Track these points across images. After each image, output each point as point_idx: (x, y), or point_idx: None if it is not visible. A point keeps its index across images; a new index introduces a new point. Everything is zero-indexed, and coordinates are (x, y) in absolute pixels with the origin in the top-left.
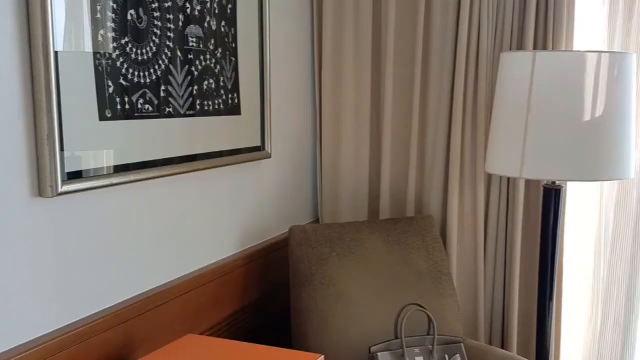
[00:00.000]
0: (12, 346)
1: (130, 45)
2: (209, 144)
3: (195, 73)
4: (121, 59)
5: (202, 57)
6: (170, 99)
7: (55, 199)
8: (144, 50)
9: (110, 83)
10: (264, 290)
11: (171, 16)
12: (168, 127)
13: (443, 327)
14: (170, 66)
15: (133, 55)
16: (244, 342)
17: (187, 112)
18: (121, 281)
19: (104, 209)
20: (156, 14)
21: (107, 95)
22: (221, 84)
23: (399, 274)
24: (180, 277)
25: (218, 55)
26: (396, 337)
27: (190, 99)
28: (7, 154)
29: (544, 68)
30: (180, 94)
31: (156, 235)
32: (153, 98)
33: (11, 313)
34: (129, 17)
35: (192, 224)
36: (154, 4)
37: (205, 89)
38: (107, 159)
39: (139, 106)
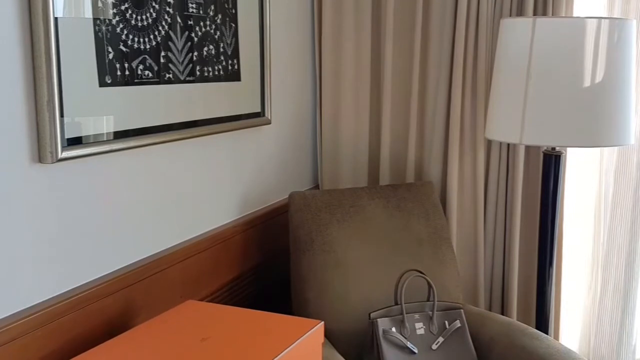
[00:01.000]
0: (12, 312)
1: (130, 12)
2: (209, 110)
3: (195, 39)
4: (121, 25)
5: (202, 23)
6: (170, 65)
7: (55, 165)
8: (143, 17)
9: (110, 49)
10: (264, 256)
11: None
12: (168, 94)
13: (443, 294)
14: (170, 32)
15: (133, 22)
16: (244, 309)
17: (187, 79)
18: (121, 247)
19: (104, 175)
20: None
21: (107, 61)
22: (221, 50)
23: (399, 240)
24: (180, 243)
25: (218, 21)
26: (396, 304)
27: (190, 65)
28: (7, 120)
29: (544, 34)
30: (180, 60)
31: (156, 201)
32: (153, 64)
33: (11, 279)
34: None
35: (191, 190)
36: None
37: (205, 55)
38: (107, 125)
39: (139, 72)
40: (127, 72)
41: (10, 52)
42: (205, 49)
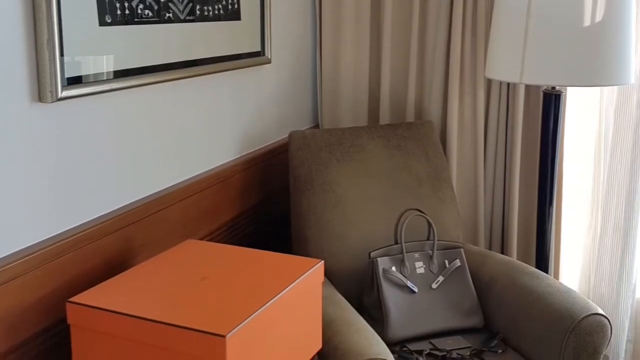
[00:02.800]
0: (11, 252)
1: None
2: (209, 50)
3: None
4: None
5: None
6: (170, 4)
7: (55, 105)
8: None
9: None
10: (264, 195)
11: None
12: (168, 33)
13: (443, 233)
14: None
15: None
16: (244, 248)
17: (187, 18)
18: (120, 187)
19: (104, 114)
20: None
21: (107, 0)
22: None
23: (399, 180)
24: (180, 182)
25: None
26: (396, 243)
27: (190, 4)
28: (7, 59)
29: None
30: None
31: (156, 140)
32: (153, 3)
33: (10, 219)
34: None
35: (191, 129)
36: None
37: None
38: (107, 65)
39: (139, 11)
40: (127, 12)
41: None
42: None
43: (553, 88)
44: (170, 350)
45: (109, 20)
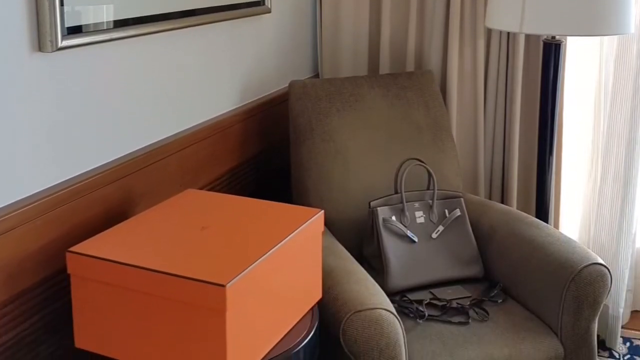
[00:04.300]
0: (11, 201)
1: None
2: None
3: None
4: None
5: None
6: None
7: (55, 54)
8: None
9: None
10: (264, 146)
11: None
12: None
13: (443, 182)
14: None
15: None
16: (244, 197)
17: None
18: (120, 137)
19: (104, 64)
20: None
21: None
22: None
23: (399, 129)
24: (179, 132)
25: None
26: (396, 192)
27: None
28: (7, 8)
29: None
30: None
31: (155, 90)
32: None
33: (11, 168)
34: None
35: (191, 79)
36: None
37: None
38: (107, 14)
39: None
40: None
41: None
42: None
43: (553, 38)
44: (170, 300)
45: None
